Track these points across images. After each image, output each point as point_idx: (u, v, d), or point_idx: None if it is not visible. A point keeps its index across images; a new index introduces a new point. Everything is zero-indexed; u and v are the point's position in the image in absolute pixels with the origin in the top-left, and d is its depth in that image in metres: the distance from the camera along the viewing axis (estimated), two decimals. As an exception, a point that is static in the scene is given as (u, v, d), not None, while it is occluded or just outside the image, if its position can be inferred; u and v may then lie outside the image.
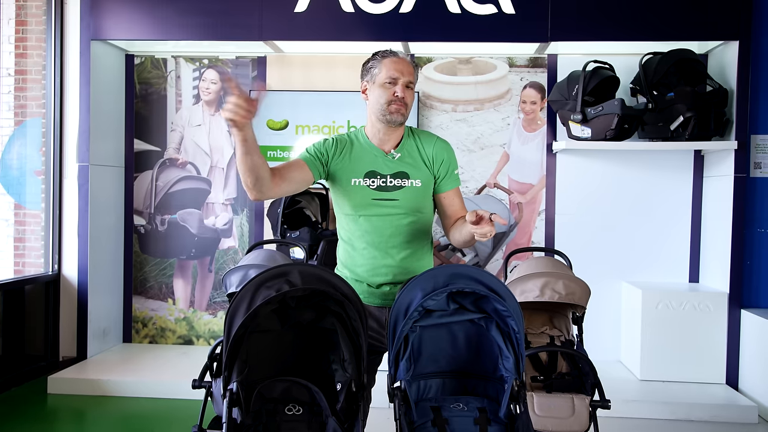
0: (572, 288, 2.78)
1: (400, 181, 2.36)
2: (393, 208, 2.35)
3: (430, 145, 2.43)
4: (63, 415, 3.90)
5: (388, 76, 2.34)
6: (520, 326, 2.00)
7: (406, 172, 2.37)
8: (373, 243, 2.37)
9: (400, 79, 2.34)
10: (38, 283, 4.62)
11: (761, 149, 4.33)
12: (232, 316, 1.97)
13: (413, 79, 2.39)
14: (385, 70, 2.35)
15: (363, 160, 2.38)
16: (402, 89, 2.34)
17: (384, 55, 2.39)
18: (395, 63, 2.36)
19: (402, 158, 2.39)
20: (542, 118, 4.72)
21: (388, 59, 2.37)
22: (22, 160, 4.92)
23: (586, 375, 2.69)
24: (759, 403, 3.94)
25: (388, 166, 2.37)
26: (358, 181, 2.36)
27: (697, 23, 4.18)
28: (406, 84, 2.35)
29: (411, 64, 2.40)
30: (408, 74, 2.36)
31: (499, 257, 4.75)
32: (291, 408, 2.03)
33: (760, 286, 4.34)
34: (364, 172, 2.37)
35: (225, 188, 4.95)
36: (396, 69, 2.34)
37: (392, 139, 2.41)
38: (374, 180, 2.36)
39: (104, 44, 4.67)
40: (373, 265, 2.37)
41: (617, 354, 4.68)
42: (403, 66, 2.36)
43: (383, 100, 2.34)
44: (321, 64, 4.84)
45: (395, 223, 2.36)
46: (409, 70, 2.37)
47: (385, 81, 2.34)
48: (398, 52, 2.39)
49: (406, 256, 2.37)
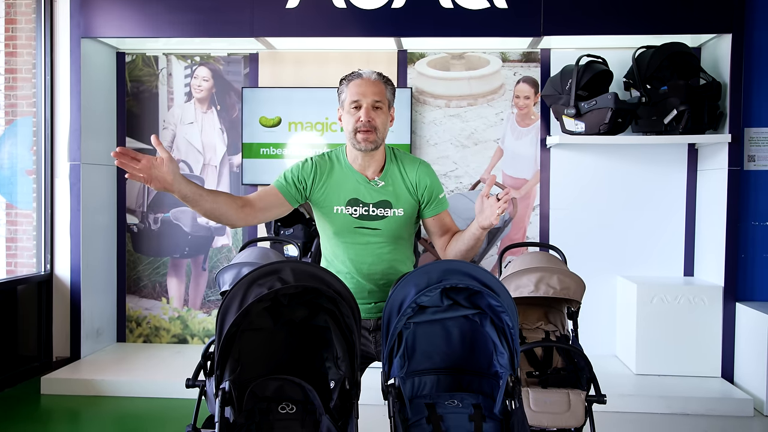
0: (567, 283, 2.77)
1: (382, 210, 2.31)
2: (374, 237, 2.32)
3: (413, 171, 2.35)
4: (57, 416, 3.89)
5: (351, 100, 2.25)
6: (515, 322, 1.99)
7: (390, 201, 2.31)
8: (355, 269, 2.35)
9: (362, 101, 2.23)
10: (31, 283, 4.59)
11: (755, 142, 4.33)
12: (224, 314, 1.96)
13: (383, 98, 2.26)
14: (349, 96, 2.26)
15: (345, 187, 2.31)
16: (366, 113, 2.22)
17: (349, 79, 2.29)
18: (357, 86, 2.25)
19: (385, 186, 2.32)
20: (536, 112, 4.71)
21: (352, 82, 2.27)
22: (13, 159, 4.89)
23: (581, 370, 2.68)
24: (754, 396, 3.95)
25: (370, 194, 2.31)
26: (341, 209, 2.31)
27: (689, 16, 4.18)
28: (373, 105, 2.24)
29: (380, 81, 2.27)
30: (372, 94, 2.24)
31: (493, 253, 4.74)
32: (284, 406, 2.02)
33: (754, 280, 4.35)
34: (347, 199, 2.30)
35: (218, 186, 4.92)
36: (358, 92, 2.24)
37: (373, 164, 2.33)
38: (357, 208, 2.30)
39: (95, 42, 4.64)
40: (357, 288, 2.34)
41: (613, 348, 4.69)
42: (366, 87, 2.24)
43: (350, 127, 2.26)
44: (313, 61, 4.82)
45: (376, 251, 2.33)
46: (375, 89, 2.24)
47: (350, 106, 2.26)
48: (363, 72, 2.28)
49: (389, 281, 2.35)
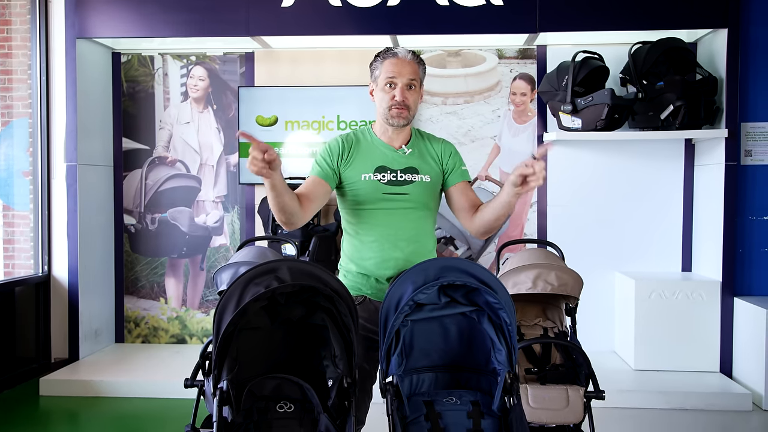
0: (565, 279, 2.77)
1: (410, 176, 2.36)
2: (404, 202, 2.35)
3: (437, 144, 2.46)
4: (56, 417, 3.88)
5: (386, 78, 2.32)
6: (512, 318, 1.99)
7: (416, 167, 2.38)
8: (383, 236, 2.35)
9: (398, 80, 2.31)
10: (28, 285, 4.59)
11: (751, 137, 4.33)
12: (221, 313, 1.95)
13: (416, 77, 2.34)
14: (384, 73, 2.33)
15: (373, 156, 2.38)
16: (401, 92, 2.31)
17: (384, 56, 2.35)
18: (393, 64, 2.32)
19: (412, 154, 2.40)
20: (532, 109, 4.71)
21: (387, 60, 2.33)
22: (10, 161, 4.88)
23: (580, 366, 2.68)
24: (753, 391, 3.95)
25: (398, 161, 2.38)
26: (368, 176, 2.35)
27: (685, 12, 4.18)
28: (407, 84, 2.32)
29: (414, 61, 2.34)
30: (408, 74, 2.31)
31: (491, 250, 4.75)
32: (282, 405, 2.02)
33: (752, 274, 4.35)
34: (375, 167, 2.36)
35: (215, 186, 4.92)
36: (393, 70, 2.31)
37: (401, 137, 2.42)
38: (384, 174, 2.35)
39: (90, 42, 4.63)
40: (382, 257, 2.35)
41: (611, 344, 4.69)
42: (402, 66, 2.31)
43: (384, 104, 2.33)
44: (309, 59, 4.81)
45: (406, 217, 2.36)
46: (410, 69, 2.32)
47: (384, 84, 2.33)
48: (398, 51, 2.34)
49: (414, 249, 2.36)
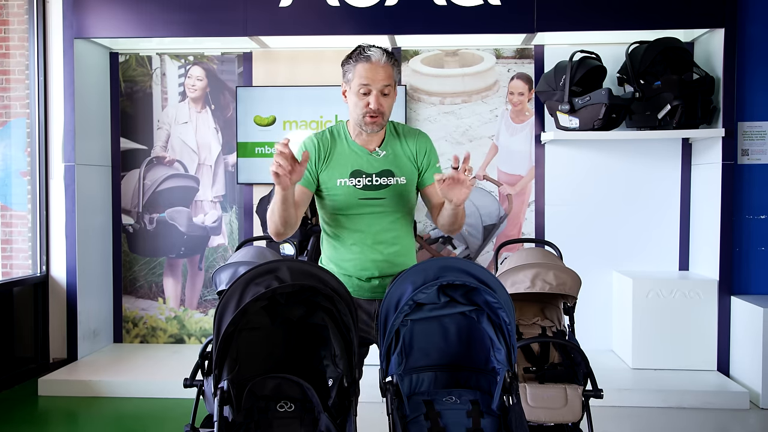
0: (563, 278, 2.79)
1: (385, 179, 2.33)
2: (380, 207, 2.33)
3: (412, 140, 2.39)
4: (54, 417, 3.88)
5: (359, 84, 2.22)
6: (511, 318, 1.99)
7: (391, 170, 2.34)
8: (361, 240, 2.35)
9: (372, 87, 2.21)
10: (26, 285, 4.58)
11: (748, 136, 4.34)
12: (222, 313, 1.96)
13: (391, 83, 2.24)
14: (357, 78, 2.23)
15: (347, 159, 2.33)
16: (376, 100, 2.21)
17: (357, 59, 2.24)
18: (366, 70, 2.21)
19: (386, 156, 2.35)
20: (530, 109, 4.72)
21: (360, 65, 2.22)
22: (7, 161, 4.87)
23: (578, 365, 2.69)
24: (750, 389, 3.96)
25: (372, 164, 2.33)
26: (344, 181, 2.31)
27: (682, 11, 4.19)
28: (381, 91, 2.22)
29: (388, 64, 2.23)
30: (382, 80, 2.21)
31: (489, 249, 4.75)
32: (283, 405, 2.03)
33: (749, 273, 4.36)
34: (350, 171, 2.32)
35: (213, 185, 4.92)
36: (367, 77, 2.21)
37: (375, 138, 2.36)
38: (360, 179, 2.31)
39: (88, 42, 4.62)
40: (362, 260, 2.35)
41: (609, 343, 4.70)
42: (375, 72, 2.20)
43: (359, 110, 2.25)
44: (307, 59, 4.81)
45: (382, 221, 2.34)
46: (384, 74, 2.22)
47: (357, 89, 2.23)
48: (371, 54, 2.22)
49: (395, 251, 2.36)
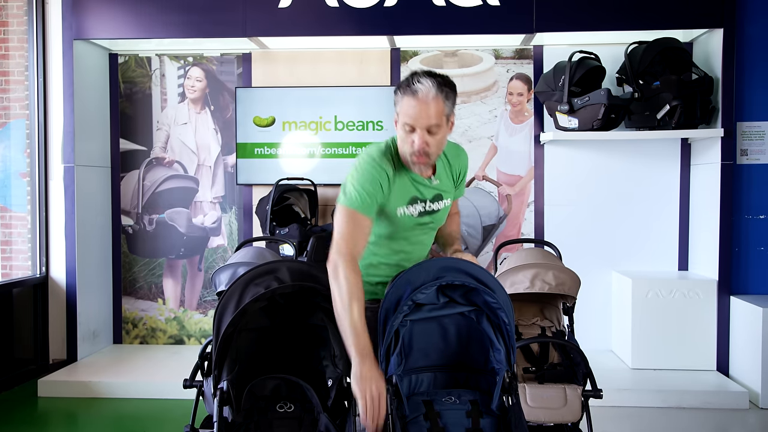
0: (562, 278, 2.79)
1: (437, 203, 2.25)
2: (429, 228, 2.29)
3: (455, 160, 2.30)
4: (54, 419, 3.88)
5: (404, 120, 2.03)
6: (511, 318, 2.00)
7: (441, 193, 2.26)
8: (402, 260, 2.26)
9: (416, 126, 2.00)
10: (26, 286, 4.58)
11: (747, 136, 4.35)
12: (221, 314, 1.96)
13: (440, 121, 2.01)
14: (402, 114, 2.03)
15: (406, 188, 2.18)
16: (420, 139, 2.01)
17: (404, 91, 2.02)
18: (412, 107, 2.00)
19: (439, 181, 2.25)
20: (529, 109, 4.72)
21: (407, 99, 2.01)
22: (7, 162, 4.87)
23: (577, 365, 2.69)
24: (749, 389, 3.97)
25: (428, 190, 2.22)
26: (403, 209, 2.18)
27: (681, 11, 4.19)
28: (427, 129, 2.01)
29: (439, 98, 1.99)
30: (428, 118, 1.99)
31: (488, 249, 4.75)
32: (282, 405, 2.03)
33: (748, 273, 4.37)
34: (408, 199, 2.18)
35: (213, 186, 4.92)
36: (411, 115, 2.00)
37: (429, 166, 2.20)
38: (416, 206, 2.20)
39: (87, 43, 4.63)
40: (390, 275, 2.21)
41: (608, 343, 4.70)
42: (421, 109, 1.98)
43: (405, 147, 2.07)
44: (306, 60, 4.82)
45: (426, 240, 2.32)
46: (433, 111, 1.99)
47: (402, 125, 2.04)
48: (419, 89, 1.98)
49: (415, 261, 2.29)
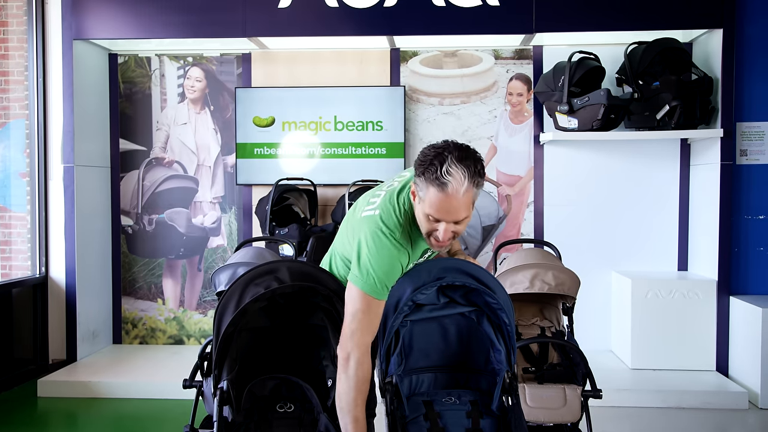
0: (562, 279, 2.79)
1: None
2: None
3: None
4: (54, 419, 3.88)
5: (428, 212, 1.89)
6: (511, 319, 2.00)
7: None
8: None
9: (444, 219, 1.88)
10: (25, 286, 4.58)
11: (747, 136, 4.35)
12: (221, 314, 1.96)
13: (468, 212, 1.90)
14: (428, 203, 1.88)
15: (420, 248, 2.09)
16: (445, 232, 1.90)
17: (431, 181, 1.85)
18: (439, 200, 1.85)
19: None
20: (529, 109, 4.72)
21: (434, 191, 1.85)
22: (6, 162, 4.87)
23: (577, 365, 2.70)
24: (749, 389, 3.97)
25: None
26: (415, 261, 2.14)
27: (681, 12, 4.19)
28: (454, 221, 1.90)
29: (470, 189, 1.85)
30: (456, 214, 1.87)
31: (488, 250, 4.75)
32: (282, 405, 2.03)
33: (748, 273, 4.37)
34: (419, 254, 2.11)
35: (212, 186, 4.92)
36: (438, 208, 1.86)
37: None
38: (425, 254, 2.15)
39: (87, 44, 4.62)
40: None
41: (608, 343, 4.70)
42: (450, 204, 1.85)
43: (424, 229, 1.95)
44: (306, 60, 4.82)
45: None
46: (462, 205, 1.86)
47: (426, 214, 1.90)
48: (448, 183, 1.82)
49: None
